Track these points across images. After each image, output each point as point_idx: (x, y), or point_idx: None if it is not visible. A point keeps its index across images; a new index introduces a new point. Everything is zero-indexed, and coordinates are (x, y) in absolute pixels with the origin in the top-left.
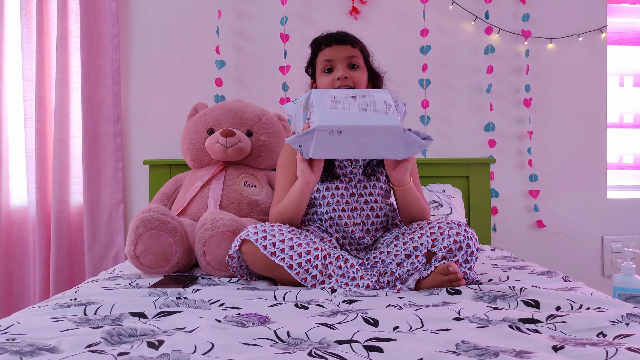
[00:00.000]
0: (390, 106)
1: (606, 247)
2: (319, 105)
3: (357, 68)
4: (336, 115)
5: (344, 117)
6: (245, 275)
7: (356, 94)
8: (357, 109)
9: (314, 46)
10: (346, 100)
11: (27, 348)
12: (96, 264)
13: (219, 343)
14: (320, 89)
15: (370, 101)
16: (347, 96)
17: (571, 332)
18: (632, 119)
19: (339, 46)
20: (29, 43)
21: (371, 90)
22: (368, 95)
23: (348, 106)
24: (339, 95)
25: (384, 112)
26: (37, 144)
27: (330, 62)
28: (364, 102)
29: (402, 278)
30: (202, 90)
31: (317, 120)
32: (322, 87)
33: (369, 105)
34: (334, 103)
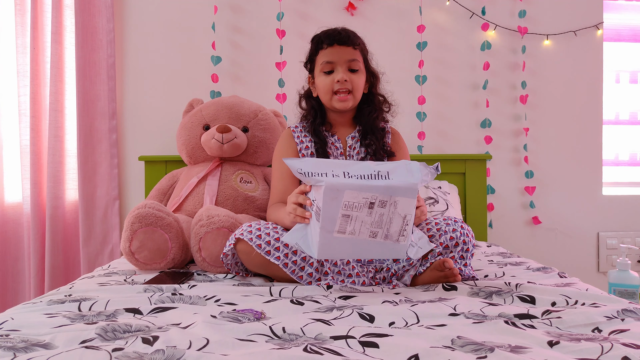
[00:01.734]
0: (407, 225)
1: (601, 244)
2: (326, 220)
3: (356, 71)
4: (339, 245)
5: (347, 247)
6: (240, 272)
7: (375, 199)
8: (368, 232)
9: (315, 43)
10: (360, 212)
11: (21, 344)
12: (91, 260)
13: (214, 339)
14: (335, 184)
15: (387, 217)
16: (363, 204)
17: (566, 328)
18: (628, 115)
19: (341, 47)
20: (23, 38)
21: (397, 190)
22: (389, 203)
23: (359, 228)
24: (354, 203)
25: (394, 240)
26: (32, 140)
27: (331, 64)
28: (379, 219)
29: (398, 274)
30: (198, 86)
31: (317, 251)
32: (321, 87)
33: (383, 225)
34: (344, 220)
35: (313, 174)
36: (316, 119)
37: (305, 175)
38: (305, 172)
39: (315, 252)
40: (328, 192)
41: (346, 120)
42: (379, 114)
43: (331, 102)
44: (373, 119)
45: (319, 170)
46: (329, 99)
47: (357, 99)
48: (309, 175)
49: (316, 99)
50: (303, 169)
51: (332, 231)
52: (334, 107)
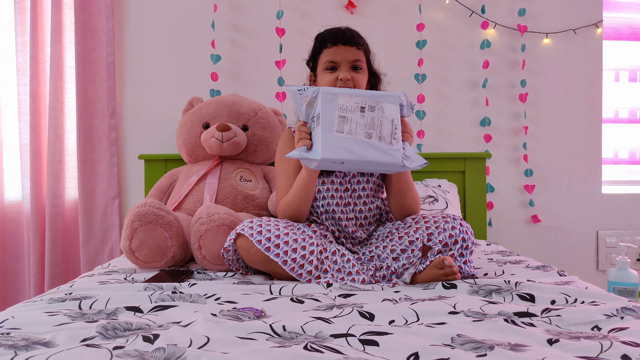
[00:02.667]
0: (396, 130)
1: (601, 242)
2: (325, 120)
3: (359, 70)
4: (340, 144)
5: (348, 147)
6: (240, 269)
7: (365, 103)
8: (363, 133)
9: (319, 41)
10: (354, 115)
11: (21, 342)
12: (91, 258)
13: (215, 337)
14: (330, 89)
15: (378, 120)
16: (355, 107)
17: (566, 326)
18: (628, 114)
19: (345, 47)
20: (23, 37)
21: (381, 97)
22: (377, 108)
23: (355, 128)
24: (347, 106)
25: (388, 142)
26: (32, 139)
27: (334, 63)
28: (371, 121)
29: (398, 272)
30: (198, 85)
31: (321, 150)
32: (323, 85)
33: (376, 127)
34: (341, 121)
35: (310, 89)
36: None
37: (304, 90)
38: (304, 89)
39: (320, 152)
40: (324, 95)
41: None
42: None
43: None
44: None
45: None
46: None
47: None
48: (306, 90)
49: None
50: (301, 87)
51: (332, 130)
52: None
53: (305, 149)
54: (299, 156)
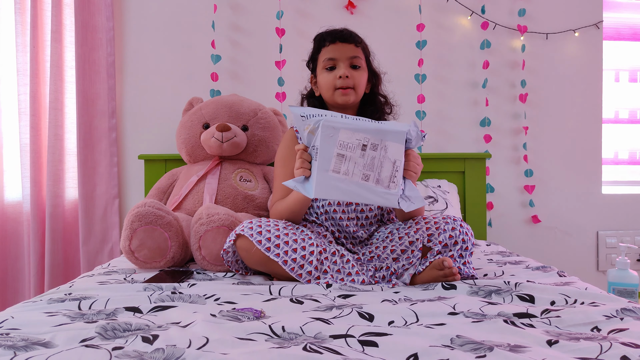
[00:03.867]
0: (397, 172)
1: (601, 242)
2: (322, 159)
3: (358, 68)
4: (334, 184)
5: (342, 188)
6: (240, 270)
7: (368, 141)
8: (360, 175)
9: (317, 41)
10: (354, 153)
11: (21, 343)
12: (91, 258)
13: (214, 338)
14: (332, 122)
15: (378, 161)
16: (356, 145)
17: (566, 327)
18: (628, 114)
19: (343, 44)
20: (23, 37)
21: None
22: (379, 147)
23: (352, 169)
24: (348, 143)
25: (385, 186)
26: (32, 139)
27: (333, 60)
28: (371, 162)
29: (398, 273)
30: (198, 85)
31: (314, 189)
32: (323, 84)
33: (375, 168)
34: (339, 160)
35: (313, 116)
36: None
37: (307, 118)
38: (307, 114)
39: (312, 191)
40: (325, 129)
41: None
42: (380, 115)
43: (333, 97)
44: (375, 119)
45: (319, 113)
46: (331, 95)
47: (359, 95)
48: (309, 117)
49: (318, 98)
50: (305, 112)
51: (327, 169)
52: (336, 102)
53: (302, 178)
54: (294, 187)
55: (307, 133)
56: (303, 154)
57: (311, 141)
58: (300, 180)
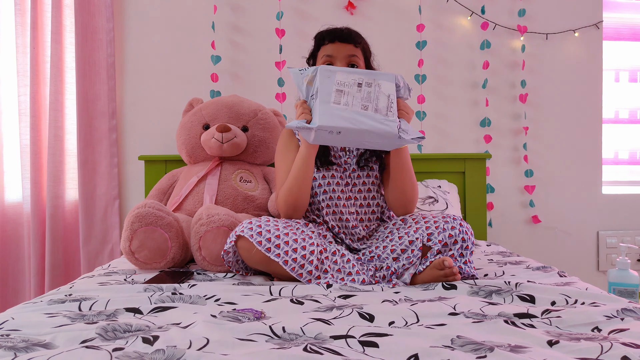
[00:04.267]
0: (392, 104)
1: (601, 243)
2: (323, 94)
3: (356, 67)
4: (337, 113)
5: (345, 116)
6: (240, 270)
7: (362, 80)
8: (360, 105)
9: (317, 40)
10: (351, 89)
11: (21, 344)
12: (91, 259)
13: (214, 338)
14: (328, 67)
15: (374, 95)
16: (352, 83)
17: (566, 327)
18: (628, 114)
19: (342, 44)
20: (23, 38)
21: (378, 75)
22: (374, 84)
23: (351, 100)
24: (345, 82)
25: (384, 114)
26: (32, 140)
27: (331, 57)
28: (367, 95)
29: (398, 272)
30: (198, 86)
31: (318, 119)
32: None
33: (372, 100)
34: (338, 94)
35: (310, 69)
36: None
37: (305, 70)
38: (305, 68)
39: (317, 121)
40: (323, 72)
41: None
42: None
43: None
44: None
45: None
46: None
47: None
48: (307, 70)
49: None
50: (302, 68)
51: (329, 102)
52: None
53: (304, 121)
54: (297, 125)
55: (306, 85)
56: (303, 104)
57: (309, 93)
58: (302, 123)
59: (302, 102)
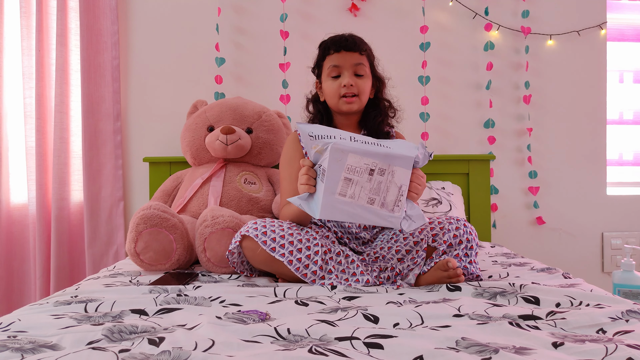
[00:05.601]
0: (401, 196)
1: (606, 244)
2: (329, 181)
3: (362, 76)
4: (340, 207)
5: (347, 210)
6: (245, 271)
7: (376, 166)
8: (366, 198)
9: (322, 49)
10: (361, 178)
11: (28, 345)
12: (96, 261)
13: (220, 340)
14: (341, 147)
15: (385, 185)
16: (364, 169)
17: (571, 329)
18: (632, 115)
19: (347, 53)
20: (29, 40)
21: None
22: (387, 172)
23: (358, 192)
24: (356, 167)
25: (390, 210)
26: (37, 142)
27: (338, 68)
28: (377, 186)
29: (403, 273)
30: (202, 88)
31: (320, 211)
32: (328, 92)
33: (381, 192)
34: (346, 183)
35: (322, 137)
36: (322, 122)
37: (315, 139)
38: (316, 135)
39: (318, 212)
40: (334, 152)
41: (352, 124)
42: (384, 118)
43: (338, 105)
44: (378, 123)
45: (328, 134)
46: (336, 102)
47: (363, 102)
48: (318, 139)
49: (323, 103)
50: (314, 132)
51: (334, 193)
52: (341, 109)
53: (307, 195)
54: (299, 206)
55: (315, 152)
56: (309, 171)
57: (318, 159)
58: (304, 197)
59: (307, 168)
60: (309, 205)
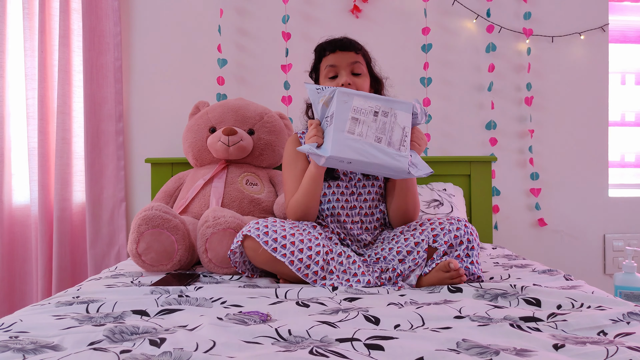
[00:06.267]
0: (406, 137)
1: (607, 246)
2: (338, 120)
3: (360, 75)
4: (350, 143)
5: (357, 147)
6: (247, 271)
7: (379, 108)
8: (373, 137)
9: (318, 52)
10: (367, 118)
11: (30, 346)
12: (98, 261)
13: (221, 341)
14: (346, 90)
15: (389, 126)
16: (369, 111)
17: (572, 331)
18: (634, 117)
19: (343, 52)
20: (32, 42)
21: (395, 103)
22: (390, 114)
23: (366, 130)
24: (361, 108)
25: (397, 148)
26: (40, 142)
27: (334, 67)
28: (382, 126)
29: (404, 274)
30: (204, 89)
31: (330, 148)
32: None
33: (386, 132)
34: (353, 122)
35: (328, 89)
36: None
37: (322, 90)
38: (322, 87)
39: (329, 150)
40: (340, 95)
41: None
42: None
43: None
44: None
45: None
46: None
47: None
48: (324, 89)
49: None
50: (320, 87)
51: (343, 130)
52: None
53: (315, 145)
54: (308, 150)
55: (322, 105)
56: (317, 126)
57: (324, 114)
58: (314, 146)
59: (316, 123)
60: (319, 150)
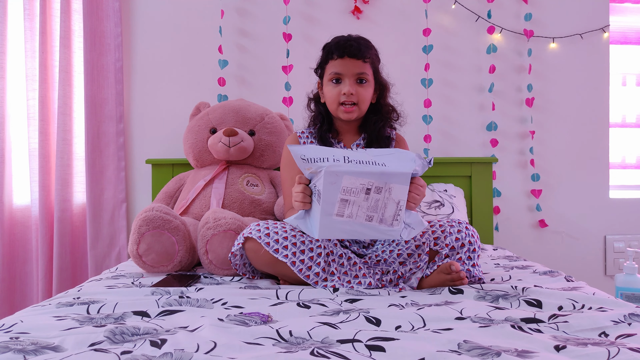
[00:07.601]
0: (400, 211)
1: (608, 247)
2: (325, 203)
3: (364, 83)
4: (338, 226)
5: (346, 229)
6: (247, 273)
7: (372, 185)
8: (364, 216)
9: (326, 52)
10: (357, 197)
11: (30, 347)
12: (99, 262)
13: (222, 342)
14: (335, 171)
15: (382, 202)
16: (360, 189)
17: (573, 332)
18: (635, 118)
19: (351, 60)
20: (32, 42)
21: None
22: (384, 189)
23: (356, 211)
24: (351, 188)
25: (389, 224)
26: (40, 143)
27: (339, 75)
28: (375, 204)
29: (405, 276)
30: (205, 90)
31: (318, 231)
32: (328, 96)
33: (379, 209)
34: (342, 204)
35: (315, 160)
36: (323, 125)
37: (308, 162)
38: (308, 158)
39: (317, 233)
40: (327, 176)
41: (352, 128)
42: (385, 123)
43: (337, 112)
44: (379, 128)
45: (320, 156)
46: (335, 109)
47: (362, 111)
48: (311, 162)
49: (324, 104)
50: (306, 155)
51: (331, 214)
52: (339, 117)
53: (303, 213)
54: (297, 226)
55: (308, 172)
56: (305, 189)
57: (312, 180)
58: (301, 216)
59: (303, 188)
60: (306, 224)
